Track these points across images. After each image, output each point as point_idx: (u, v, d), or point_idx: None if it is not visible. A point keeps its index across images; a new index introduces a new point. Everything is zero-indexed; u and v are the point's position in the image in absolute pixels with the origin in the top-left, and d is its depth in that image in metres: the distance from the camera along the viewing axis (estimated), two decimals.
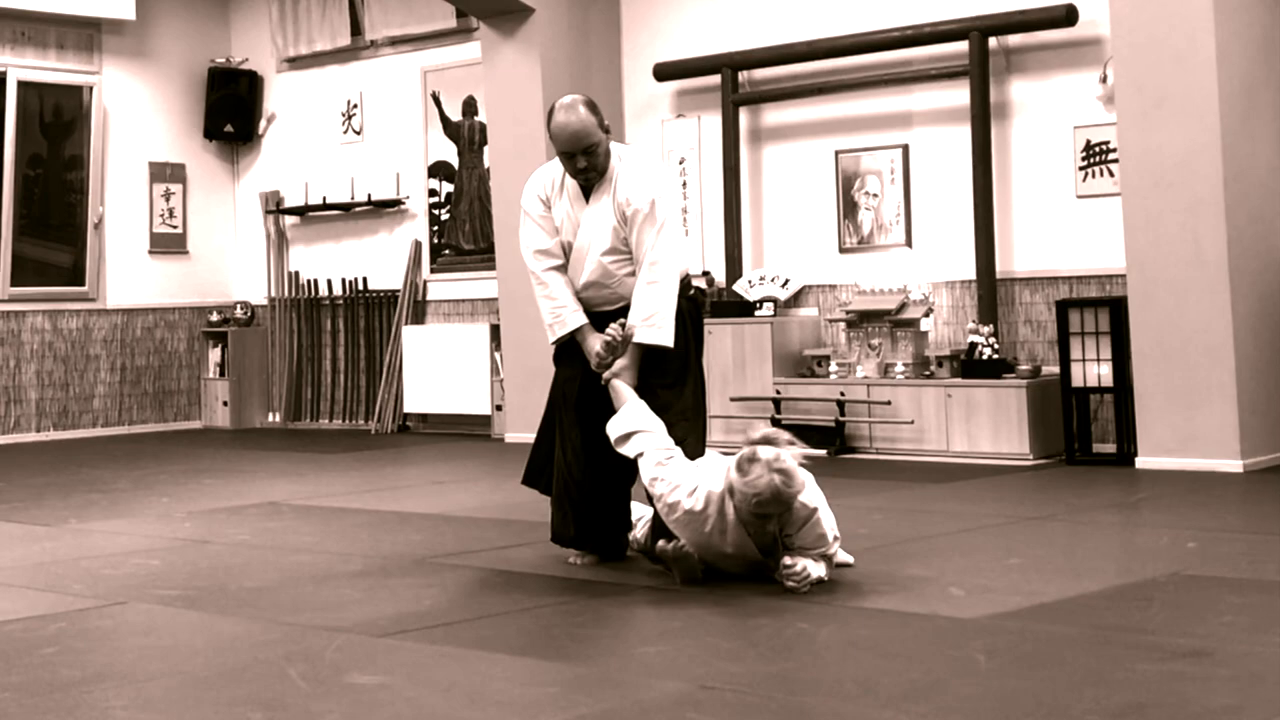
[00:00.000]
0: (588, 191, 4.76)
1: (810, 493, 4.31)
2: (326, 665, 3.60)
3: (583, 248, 4.76)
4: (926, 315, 8.08)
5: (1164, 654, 3.47)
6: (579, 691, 3.35)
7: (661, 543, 4.44)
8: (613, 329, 4.66)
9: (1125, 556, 5.04)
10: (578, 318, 4.78)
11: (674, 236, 4.72)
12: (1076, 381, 7.41)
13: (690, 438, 4.65)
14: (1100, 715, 2.98)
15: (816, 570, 4.30)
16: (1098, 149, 7.81)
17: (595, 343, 4.70)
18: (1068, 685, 3.22)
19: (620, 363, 4.67)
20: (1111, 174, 7.70)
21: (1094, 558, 4.92)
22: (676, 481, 4.36)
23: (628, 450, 4.54)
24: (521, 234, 4.90)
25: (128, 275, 11.17)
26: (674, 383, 4.73)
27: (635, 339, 4.65)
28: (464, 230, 10.41)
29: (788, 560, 4.29)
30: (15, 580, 4.93)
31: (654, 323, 4.65)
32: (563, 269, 4.82)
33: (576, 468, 4.80)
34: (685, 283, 4.88)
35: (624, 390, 4.64)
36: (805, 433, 8.17)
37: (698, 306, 4.99)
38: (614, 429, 4.60)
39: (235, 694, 3.35)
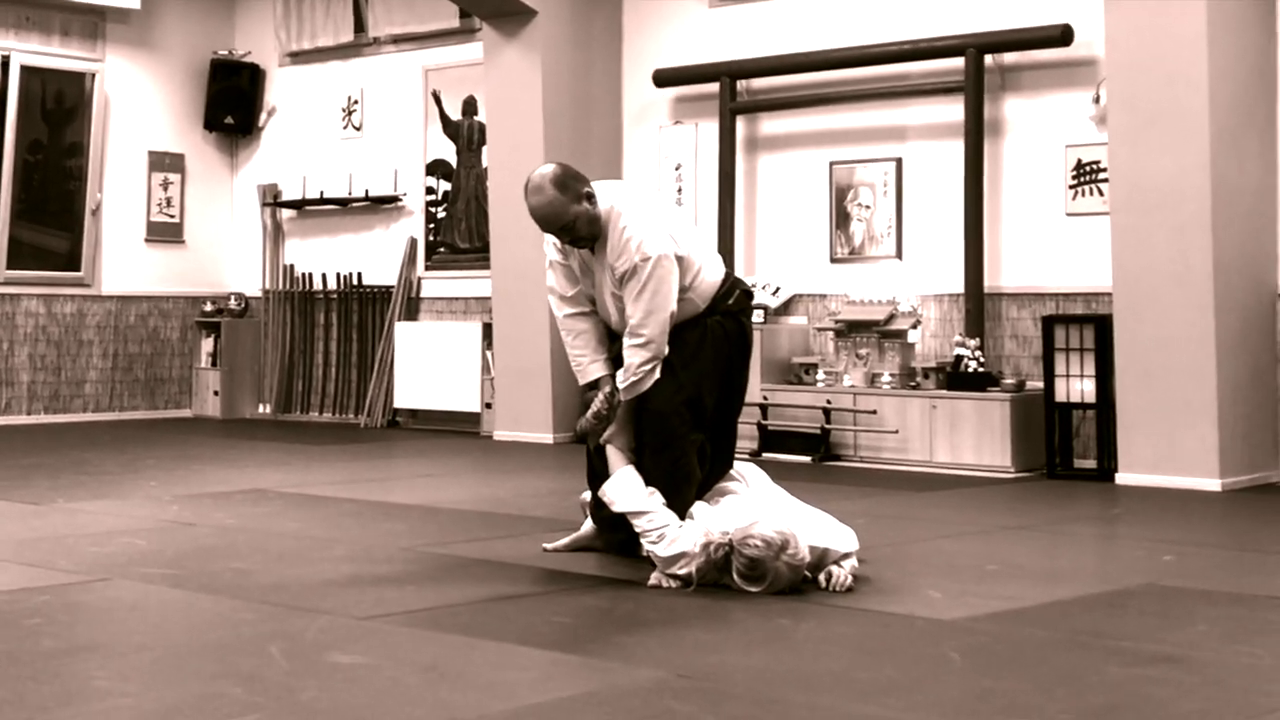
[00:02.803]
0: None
1: (804, 539, 4.30)
2: (307, 644, 3.64)
3: (601, 294, 4.79)
4: (914, 327, 8.14)
5: (1137, 659, 3.52)
6: (558, 676, 3.39)
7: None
8: (598, 402, 4.72)
9: (1102, 566, 5.10)
10: (596, 369, 4.81)
11: (667, 283, 4.61)
12: (1060, 397, 7.47)
13: (659, 483, 4.60)
14: (1072, 715, 3.03)
15: (844, 573, 4.37)
16: (1088, 168, 7.87)
17: (592, 408, 4.75)
18: (1041, 686, 3.27)
19: (611, 429, 4.73)
20: (1101, 193, 7.76)
21: (1071, 567, 4.98)
22: (665, 556, 4.40)
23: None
24: (547, 279, 4.95)
25: (123, 263, 11.20)
26: (659, 392, 4.70)
27: (622, 398, 4.71)
28: (460, 229, 10.46)
29: (821, 579, 4.37)
30: (1, 555, 4.96)
31: (633, 382, 4.67)
32: (586, 315, 4.83)
33: (596, 460, 4.89)
34: (725, 292, 4.80)
35: (614, 457, 4.69)
36: (790, 439, 8.30)
37: (738, 321, 4.83)
38: (608, 499, 4.64)
39: (215, 668, 3.39)
